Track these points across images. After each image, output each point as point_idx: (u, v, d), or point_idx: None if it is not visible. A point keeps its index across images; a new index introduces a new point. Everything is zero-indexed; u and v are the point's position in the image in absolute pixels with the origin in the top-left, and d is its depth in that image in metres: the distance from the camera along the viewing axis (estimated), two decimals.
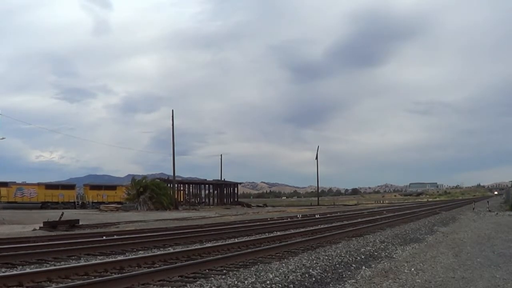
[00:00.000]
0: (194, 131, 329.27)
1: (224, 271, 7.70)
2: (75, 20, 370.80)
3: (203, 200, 64.08)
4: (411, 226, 18.35)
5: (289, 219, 24.31)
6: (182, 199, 56.18)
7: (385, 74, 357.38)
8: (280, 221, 23.16)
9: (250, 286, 6.51)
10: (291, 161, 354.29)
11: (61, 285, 6.34)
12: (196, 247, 11.19)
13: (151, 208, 42.73)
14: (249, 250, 10.20)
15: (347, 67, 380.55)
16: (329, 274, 7.65)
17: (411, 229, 16.59)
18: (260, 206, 60.30)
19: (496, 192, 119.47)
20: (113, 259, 8.98)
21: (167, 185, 51.01)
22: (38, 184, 49.90)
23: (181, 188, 59.41)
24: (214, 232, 15.20)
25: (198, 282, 6.70)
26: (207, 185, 65.54)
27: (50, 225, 17.98)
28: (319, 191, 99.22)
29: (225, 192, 65.37)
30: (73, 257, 9.70)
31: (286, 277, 7.15)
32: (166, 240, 12.58)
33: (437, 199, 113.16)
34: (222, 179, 66.68)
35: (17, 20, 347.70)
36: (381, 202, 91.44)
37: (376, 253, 10.33)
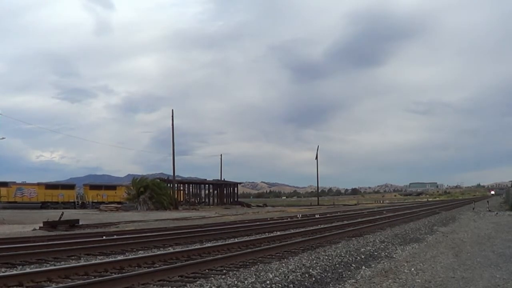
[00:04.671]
0: (195, 131, 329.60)
1: (224, 271, 7.70)
2: (76, 20, 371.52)
3: (203, 200, 64.06)
4: (411, 226, 18.34)
5: (289, 219, 24.31)
6: (182, 199, 56.16)
7: (386, 74, 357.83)
8: (280, 221, 23.16)
9: (250, 286, 6.51)
10: (291, 161, 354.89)
11: (61, 285, 6.34)
12: (196, 247, 11.19)
13: (151, 208, 42.71)
14: (249, 250, 10.20)
15: (347, 67, 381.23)
16: (329, 274, 7.65)
17: (411, 229, 16.59)
18: (260, 206, 60.27)
19: (492, 192, 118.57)
20: (113, 259, 8.98)
21: (167, 185, 50.99)
22: (38, 184, 49.84)
23: (181, 188, 59.39)
24: (214, 232, 15.20)
25: (198, 282, 6.70)
26: (207, 185, 65.52)
27: (50, 225, 17.97)
28: (319, 191, 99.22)
29: (225, 192, 65.34)
30: (73, 257, 9.70)
31: (286, 277, 7.15)
32: (166, 240, 12.58)
33: (437, 199, 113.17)
34: (222, 179, 66.68)
35: (19, 20, 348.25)
36: (381, 202, 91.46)
37: (376, 253, 10.33)
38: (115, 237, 13.85)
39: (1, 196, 45.21)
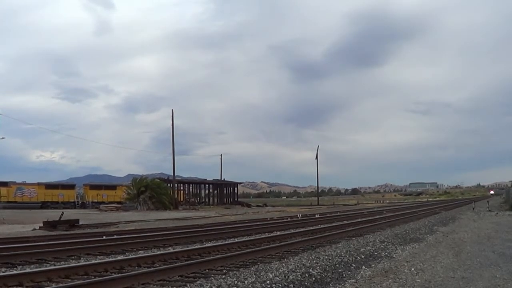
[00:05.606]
0: (195, 131, 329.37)
1: (224, 270, 7.70)
2: (77, 20, 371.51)
3: (203, 200, 64.05)
4: (411, 226, 18.34)
5: (289, 219, 24.31)
6: (182, 199, 56.16)
7: (386, 74, 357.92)
8: (280, 221, 23.16)
9: (250, 285, 6.51)
10: (291, 161, 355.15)
11: (61, 285, 6.34)
12: (196, 247, 11.19)
13: (151, 208, 42.71)
14: (249, 250, 10.20)
15: (347, 67, 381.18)
16: (329, 274, 7.65)
17: (411, 229, 16.59)
18: (260, 206, 60.25)
19: (492, 192, 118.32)
20: (113, 259, 8.98)
21: (167, 185, 50.99)
22: (38, 184, 49.83)
23: (181, 188, 59.38)
24: (214, 232, 15.20)
25: (198, 282, 6.69)
26: (207, 185, 65.52)
27: (50, 224, 17.96)
28: (319, 191, 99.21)
29: (225, 192, 65.35)
30: (73, 257, 9.70)
31: (286, 276, 7.15)
32: (166, 240, 12.58)
33: (437, 199, 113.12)
34: (222, 179, 66.67)
35: (19, 20, 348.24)
36: (381, 202, 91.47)
37: (376, 253, 10.33)
38: (115, 237, 13.84)
39: (1, 196, 45.20)
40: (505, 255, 9.87)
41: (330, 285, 6.95)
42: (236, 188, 67.63)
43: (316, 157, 73.47)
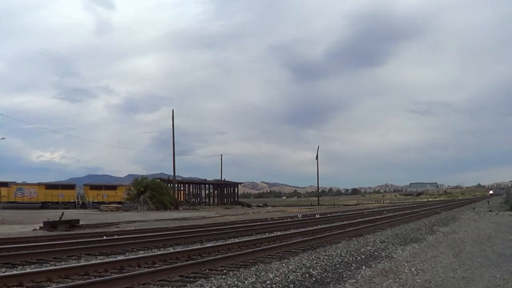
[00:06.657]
0: (195, 131, 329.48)
1: (224, 271, 7.70)
2: (77, 21, 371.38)
3: (203, 200, 64.04)
4: (411, 226, 18.34)
5: (289, 219, 24.31)
6: (182, 199, 56.16)
7: (386, 74, 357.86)
8: (280, 221, 23.16)
9: (250, 286, 6.51)
10: (291, 161, 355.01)
11: (61, 285, 6.34)
12: (196, 247, 11.19)
13: (151, 208, 42.68)
14: (249, 250, 10.20)
15: (347, 67, 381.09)
16: (329, 274, 7.65)
17: (411, 229, 16.59)
18: (260, 206, 60.22)
19: (491, 192, 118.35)
20: (113, 259, 8.99)
21: (168, 185, 50.98)
22: (38, 184, 49.81)
23: (181, 188, 59.36)
24: (214, 232, 15.20)
25: (198, 282, 6.70)
26: (207, 185, 65.49)
27: (50, 225, 17.96)
28: (319, 191, 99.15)
29: (225, 192, 65.33)
30: (73, 257, 9.70)
31: (287, 277, 7.15)
32: (166, 240, 12.58)
33: (437, 199, 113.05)
34: (222, 179, 66.70)
35: (19, 20, 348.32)
36: (381, 202, 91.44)
37: (376, 253, 10.33)
38: (115, 237, 13.84)
39: (1, 196, 45.17)
40: (505, 255, 9.86)
41: (331, 285, 6.95)
42: (236, 188, 67.60)
43: (316, 157, 73.55)
